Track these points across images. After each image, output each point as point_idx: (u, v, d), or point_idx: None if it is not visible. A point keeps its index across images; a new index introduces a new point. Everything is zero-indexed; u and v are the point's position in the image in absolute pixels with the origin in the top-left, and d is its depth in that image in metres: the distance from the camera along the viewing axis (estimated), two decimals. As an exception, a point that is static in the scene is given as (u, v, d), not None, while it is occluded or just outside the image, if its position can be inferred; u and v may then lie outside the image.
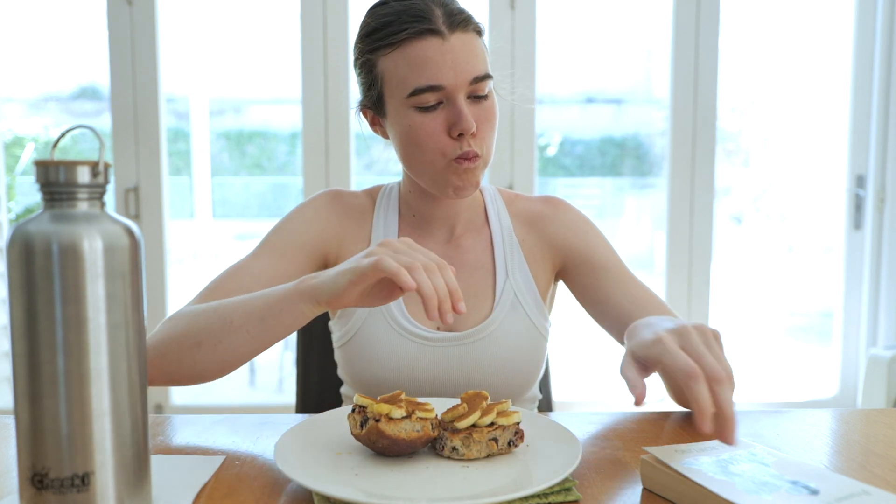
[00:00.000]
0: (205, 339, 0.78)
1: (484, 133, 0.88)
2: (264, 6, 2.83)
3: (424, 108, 0.87)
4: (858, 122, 2.63)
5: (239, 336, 0.77)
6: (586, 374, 3.21)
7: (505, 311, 0.97)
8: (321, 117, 2.50)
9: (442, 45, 0.85)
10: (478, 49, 0.88)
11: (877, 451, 0.75)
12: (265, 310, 0.75)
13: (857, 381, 2.73)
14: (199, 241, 3.81)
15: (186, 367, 0.80)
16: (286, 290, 0.75)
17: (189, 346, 0.79)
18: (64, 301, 0.51)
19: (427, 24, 0.85)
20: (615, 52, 2.87)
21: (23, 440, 0.53)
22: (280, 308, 0.75)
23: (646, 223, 3.17)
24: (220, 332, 0.77)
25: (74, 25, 2.80)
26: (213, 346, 0.78)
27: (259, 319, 0.76)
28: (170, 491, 0.65)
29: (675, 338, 0.65)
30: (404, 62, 0.86)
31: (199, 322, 0.79)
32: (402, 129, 0.89)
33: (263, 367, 3.57)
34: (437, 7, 0.86)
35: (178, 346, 0.79)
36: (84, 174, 0.53)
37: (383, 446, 0.68)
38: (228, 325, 0.77)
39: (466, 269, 0.99)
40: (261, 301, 0.76)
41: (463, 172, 0.88)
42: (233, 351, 0.78)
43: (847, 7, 2.62)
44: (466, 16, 0.88)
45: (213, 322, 0.78)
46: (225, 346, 0.77)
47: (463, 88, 0.86)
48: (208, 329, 0.78)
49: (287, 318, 0.75)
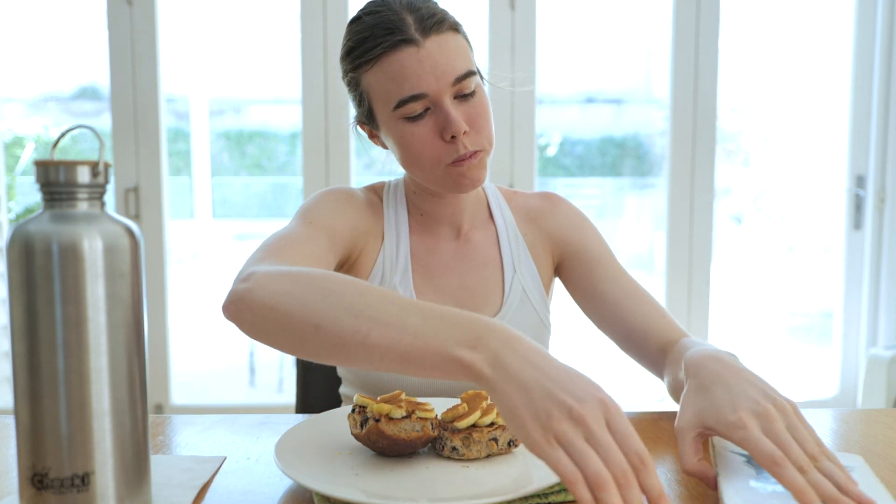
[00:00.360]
0: (326, 328, 0.62)
1: (479, 127, 0.88)
2: (264, 6, 2.83)
3: (413, 118, 0.86)
4: (858, 122, 2.63)
5: (365, 353, 0.61)
6: (586, 373, 3.21)
7: (514, 307, 0.99)
8: (321, 117, 2.50)
9: (418, 52, 0.84)
10: (456, 48, 0.86)
11: (877, 451, 0.75)
12: (411, 351, 0.58)
13: (857, 381, 2.73)
14: (199, 241, 3.81)
15: (288, 339, 0.66)
16: (445, 345, 0.57)
17: (303, 327, 0.63)
18: (64, 301, 0.51)
19: (399, 34, 0.83)
20: (615, 52, 2.87)
21: (23, 440, 0.53)
22: (432, 363, 0.58)
23: (646, 223, 3.17)
24: (349, 336, 0.61)
25: (74, 25, 2.80)
26: (333, 344, 0.62)
27: (399, 359, 0.59)
28: (170, 491, 0.65)
29: (759, 422, 0.62)
30: (385, 76, 0.85)
31: (326, 305, 0.63)
32: (395, 141, 0.89)
33: (263, 367, 3.57)
34: (408, 14, 0.85)
35: (288, 314, 0.64)
36: (84, 174, 0.53)
37: (383, 446, 0.68)
38: (359, 335, 0.60)
39: (476, 264, 1.00)
40: (409, 338, 0.58)
41: (466, 170, 0.88)
42: (350, 359, 0.63)
43: (847, 7, 2.62)
44: (439, 17, 0.86)
45: (343, 317, 0.62)
46: (347, 353, 0.62)
47: (447, 91, 0.85)
48: (335, 322, 0.62)
49: (430, 372, 0.59)
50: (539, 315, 1.00)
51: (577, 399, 0.52)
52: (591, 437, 0.51)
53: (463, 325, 0.57)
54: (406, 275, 0.96)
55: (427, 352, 0.57)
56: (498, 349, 0.55)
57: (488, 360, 0.55)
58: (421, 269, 0.98)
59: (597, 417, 0.52)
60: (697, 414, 0.66)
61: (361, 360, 0.62)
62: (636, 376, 1.02)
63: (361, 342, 0.60)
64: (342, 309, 0.62)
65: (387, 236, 0.98)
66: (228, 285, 0.74)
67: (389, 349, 0.59)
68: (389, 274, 0.96)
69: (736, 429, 0.62)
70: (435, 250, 0.99)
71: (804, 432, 0.61)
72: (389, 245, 0.97)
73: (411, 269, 0.97)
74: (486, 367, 0.55)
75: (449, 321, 0.58)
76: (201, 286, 4.00)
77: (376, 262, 0.96)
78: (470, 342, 0.56)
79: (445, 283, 0.98)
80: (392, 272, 0.96)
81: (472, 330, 0.57)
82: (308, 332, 0.63)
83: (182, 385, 2.85)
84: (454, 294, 0.98)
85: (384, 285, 0.95)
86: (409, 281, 0.96)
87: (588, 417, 0.51)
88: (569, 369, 0.55)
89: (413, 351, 0.58)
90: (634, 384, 2.75)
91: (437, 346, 0.57)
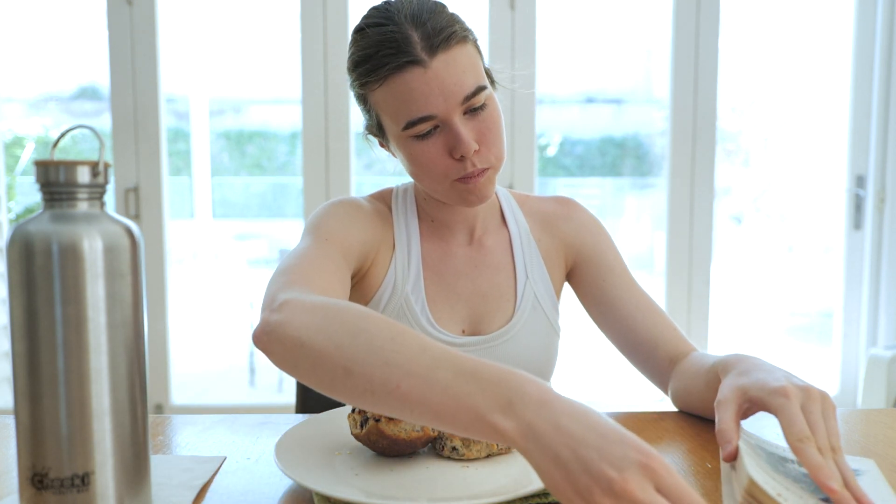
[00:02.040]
0: (357, 375, 0.60)
1: (489, 143, 0.86)
2: (264, 6, 2.83)
3: (422, 136, 0.84)
4: (858, 122, 2.63)
5: (397, 404, 0.59)
6: (586, 373, 3.21)
7: (527, 313, 0.98)
8: (321, 117, 2.50)
9: (425, 73, 0.81)
10: (465, 64, 0.83)
11: (877, 451, 0.75)
12: (441, 410, 0.56)
13: (857, 381, 2.73)
14: (199, 241, 3.82)
15: (318, 378, 0.64)
16: (477, 408, 0.54)
17: (333, 368, 0.62)
18: (64, 301, 0.51)
19: (405, 56, 0.81)
20: (615, 52, 2.87)
21: (23, 440, 0.53)
22: (464, 424, 0.56)
23: (646, 223, 3.17)
24: (378, 385, 0.59)
25: (74, 25, 2.80)
26: (363, 390, 0.60)
27: (431, 415, 0.57)
28: (170, 491, 0.65)
29: (801, 396, 0.64)
30: (392, 97, 0.83)
31: (357, 347, 0.61)
32: (404, 157, 0.89)
33: (263, 367, 3.57)
34: (415, 31, 0.81)
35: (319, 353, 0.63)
36: (84, 174, 0.53)
37: (383, 446, 0.68)
38: (389, 385, 0.58)
39: (489, 270, 0.99)
40: (439, 395, 0.56)
41: (473, 187, 0.87)
42: (380, 407, 0.60)
43: (847, 7, 2.62)
44: (446, 34, 0.82)
45: (374, 363, 0.60)
46: (376, 401, 0.60)
47: (456, 111, 0.83)
48: (366, 368, 0.60)
49: (463, 432, 0.57)
50: (550, 320, 1.00)
51: (617, 469, 0.49)
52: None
53: (493, 385, 0.54)
54: (418, 283, 0.95)
55: (458, 412, 0.55)
56: (530, 419, 0.52)
57: (521, 431, 0.52)
58: (433, 276, 0.97)
59: (641, 485, 0.49)
60: (741, 387, 0.69)
61: (394, 410, 0.59)
62: (638, 376, 1.02)
63: (390, 392, 0.58)
64: (373, 353, 0.60)
65: (398, 245, 0.97)
66: (229, 283, 0.73)
67: (420, 404, 0.57)
68: (401, 283, 0.95)
69: (779, 396, 0.64)
70: (447, 256, 0.98)
71: (833, 424, 0.64)
72: (401, 254, 0.96)
73: (423, 277, 0.96)
74: (519, 438, 0.52)
75: (481, 380, 0.55)
76: (201, 286, 4.00)
77: (388, 272, 0.95)
78: (502, 407, 0.53)
79: (458, 289, 0.97)
80: (404, 281, 0.95)
81: (503, 393, 0.54)
82: (339, 374, 0.61)
83: (182, 385, 2.85)
84: (467, 300, 0.97)
85: (396, 295, 0.94)
86: (420, 289, 0.95)
87: (631, 489, 0.48)
88: (605, 428, 0.52)
89: (444, 410, 0.56)
90: (635, 384, 2.74)
91: (467, 408, 0.55)
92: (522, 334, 0.97)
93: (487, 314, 0.97)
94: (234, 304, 4.02)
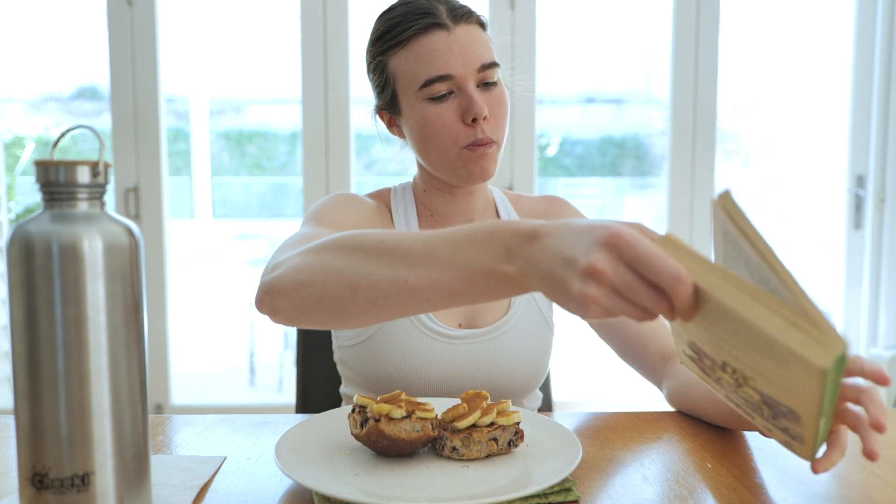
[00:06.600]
0: (364, 287, 0.61)
1: (497, 118, 0.92)
2: (264, 6, 2.83)
3: (437, 98, 0.90)
4: (858, 122, 2.63)
5: (411, 299, 0.60)
6: (586, 374, 3.21)
7: (522, 309, 0.99)
8: (321, 117, 2.50)
9: (448, 36, 0.89)
10: (482, 39, 0.93)
11: (877, 451, 0.75)
12: (455, 285, 0.58)
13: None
14: (199, 241, 3.82)
15: (328, 311, 0.64)
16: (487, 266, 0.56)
17: (340, 292, 0.62)
18: (64, 301, 0.51)
19: (432, 18, 0.89)
20: (615, 52, 2.87)
21: (23, 440, 0.53)
22: (481, 289, 0.58)
23: (646, 223, 3.16)
24: (388, 287, 0.60)
25: (74, 25, 2.80)
26: (374, 300, 0.61)
27: (448, 295, 0.59)
28: (170, 491, 0.65)
29: None
30: (414, 57, 0.90)
31: (354, 264, 0.62)
32: (416, 122, 0.92)
33: (263, 367, 3.57)
34: (441, 3, 0.91)
35: (322, 284, 0.64)
36: (84, 174, 0.53)
37: (383, 446, 0.68)
38: (397, 283, 0.60)
39: None
40: (447, 272, 0.58)
41: (479, 157, 0.91)
42: (395, 310, 0.62)
43: (847, 7, 2.62)
44: (469, 10, 0.93)
45: (375, 270, 0.61)
46: (390, 306, 0.61)
47: (472, 76, 0.90)
48: (370, 277, 0.61)
49: (479, 298, 0.59)
50: (544, 317, 1.02)
51: (585, 254, 0.50)
52: (617, 288, 0.50)
53: (489, 242, 0.57)
54: None
55: (471, 280, 0.57)
56: (527, 254, 0.55)
57: (523, 270, 0.55)
58: None
59: (611, 264, 0.50)
60: None
61: (408, 306, 0.61)
62: (636, 376, 1.02)
63: (401, 290, 0.60)
64: (370, 262, 0.61)
65: None
66: (229, 283, 0.73)
67: (432, 288, 0.59)
68: None
69: None
70: None
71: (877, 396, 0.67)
72: None
73: None
74: (523, 277, 0.55)
75: (476, 241, 0.57)
76: (201, 286, 4.00)
77: None
78: (504, 256, 0.56)
79: None
80: None
81: (499, 243, 0.56)
82: (347, 295, 0.62)
83: (182, 385, 2.86)
84: None
85: None
86: None
87: (601, 269, 0.50)
88: (580, 225, 0.53)
89: (457, 284, 0.58)
90: (635, 384, 2.74)
91: (477, 272, 0.57)
92: (517, 329, 0.98)
93: (483, 309, 0.98)
94: (233, 304, 4.03)
